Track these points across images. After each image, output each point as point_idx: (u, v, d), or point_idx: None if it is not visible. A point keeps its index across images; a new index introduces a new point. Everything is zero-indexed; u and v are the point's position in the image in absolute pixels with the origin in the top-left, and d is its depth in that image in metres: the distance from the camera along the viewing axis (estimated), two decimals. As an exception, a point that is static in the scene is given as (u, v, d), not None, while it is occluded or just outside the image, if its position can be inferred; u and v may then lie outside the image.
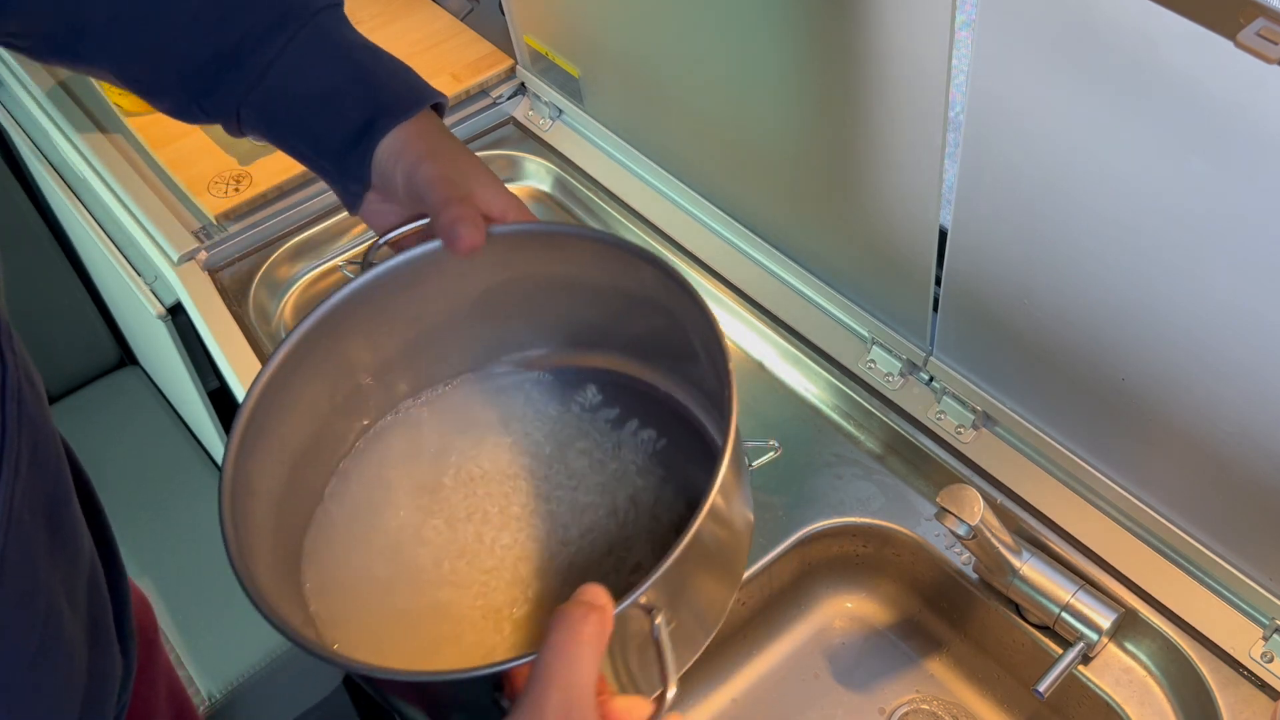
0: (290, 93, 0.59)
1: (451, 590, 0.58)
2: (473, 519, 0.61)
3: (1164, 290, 0.65)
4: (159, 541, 1.40)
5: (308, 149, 0.60)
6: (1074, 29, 0.58)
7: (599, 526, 0.60)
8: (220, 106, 0.60)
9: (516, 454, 0.63)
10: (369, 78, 0.59)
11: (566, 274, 0.62)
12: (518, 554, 0.59)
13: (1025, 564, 0.78)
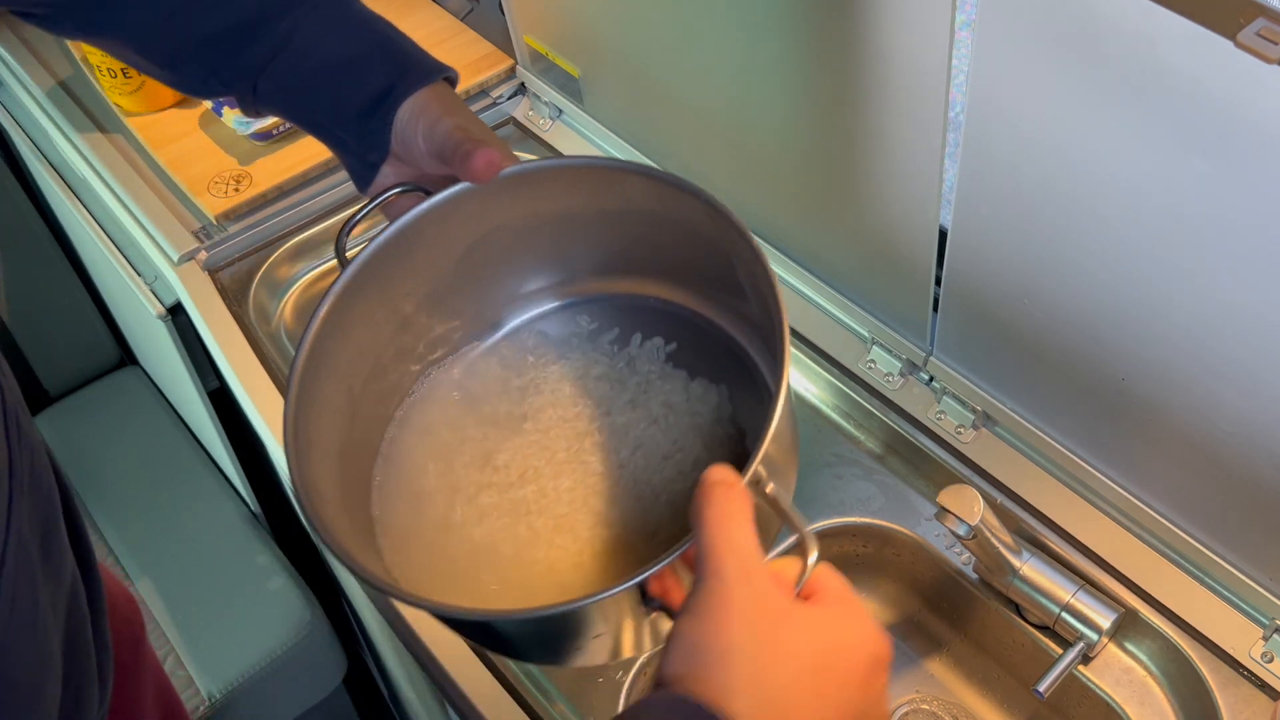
0: (311, 61, 0.59)
1: (531, 543, 0.60)
2: (526, 480, 0.62)
3: (1164, 290, 0.65)
4: (159, 541, 1.40)
5: (326, 119, 0.60)
6: (1074, 29, 0.58)
7: (645, 438, 0.62)
8: (240, 76, 0.60)
9: (545, 404, 0.64)
10: (388, 45, 0.60)
11: (576, 207, 0.63)
12: (584, 492, 0.61)
13: (1025, 564, 0.78)
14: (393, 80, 0.59)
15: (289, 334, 1.07)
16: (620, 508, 0.60)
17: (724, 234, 0.57)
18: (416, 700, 1.21)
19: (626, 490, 0.61)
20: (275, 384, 0.97)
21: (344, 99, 0.60)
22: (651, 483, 0.61)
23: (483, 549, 0.60)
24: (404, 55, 0.60)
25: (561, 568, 0.59)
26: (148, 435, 1.53)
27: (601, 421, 0.63)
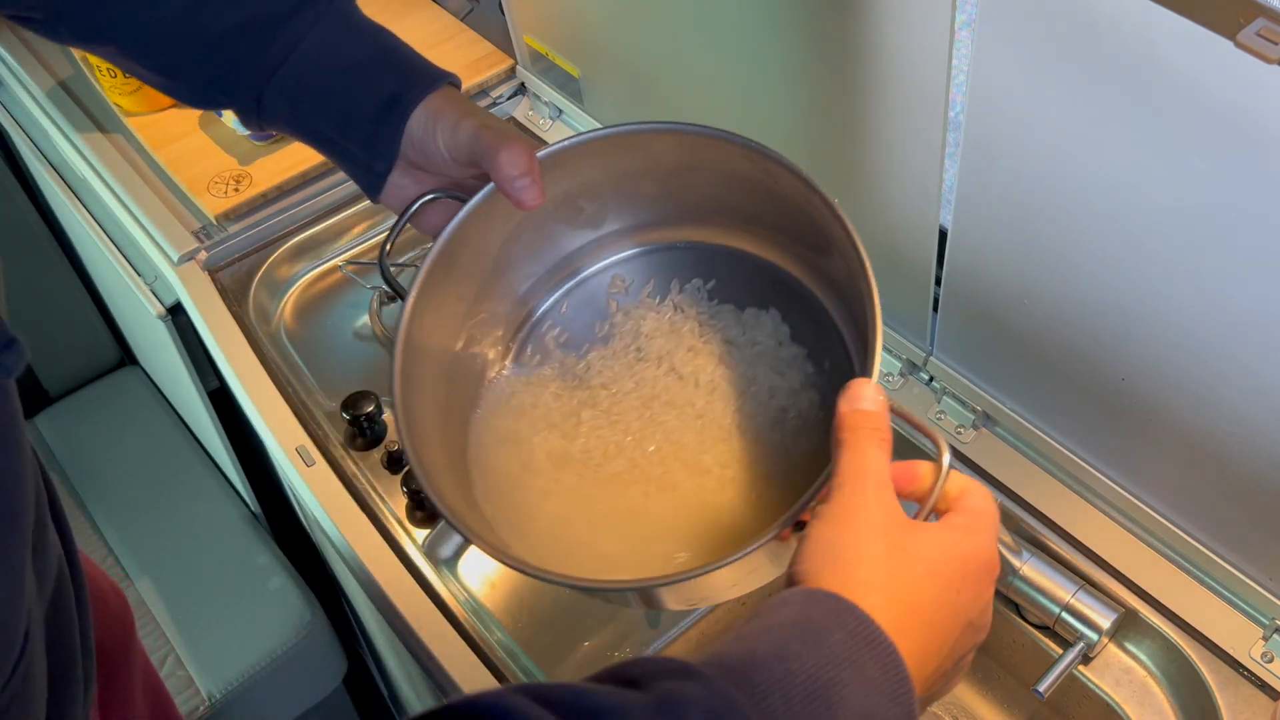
0: (318, 70, 0.59)
1: (643, 508, 0.61)
2: (610, 457, 0.63)
3: (1164, 290, 0.65)
4: (159, 541, 1.40)
5: (334, 130, 0.60)
6: (1074, 29, 0.58)
7: (717, 379, 0.64)
8: (243, 85, 0.59)
9: (605, 381, 0.65)
10: (394, 54, 0.60)
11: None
12: (670, 449, 0.62)
13: (1025, 564, 0.78)
14: (400, 87, 0.59)
15: (289, 334, 1.07)
16: (711, 453, 0.62)
17: (768, 174, 0.58)
18: (416, 700, 1.21)
19: (712, 436, 0.62)
20: (275, 384, 0.97)
21: (351, 107, 0.59)
22: (735, 421, 0.63)
23: (599, 526, 0.61)
24: (409, 62, 0.60)
25: (674, 522, 0.61)
26: (148, 435, 1.53)
27: (669, 380, 0.64)
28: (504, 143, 0.56)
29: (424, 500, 0.88)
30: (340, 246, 1.13)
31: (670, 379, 0.64)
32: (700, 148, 0.60)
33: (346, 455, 0.93)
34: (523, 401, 0.64)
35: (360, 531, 0.87)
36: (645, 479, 0.62)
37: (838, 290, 0.64)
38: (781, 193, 0.59)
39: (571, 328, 0.66)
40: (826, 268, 0.63)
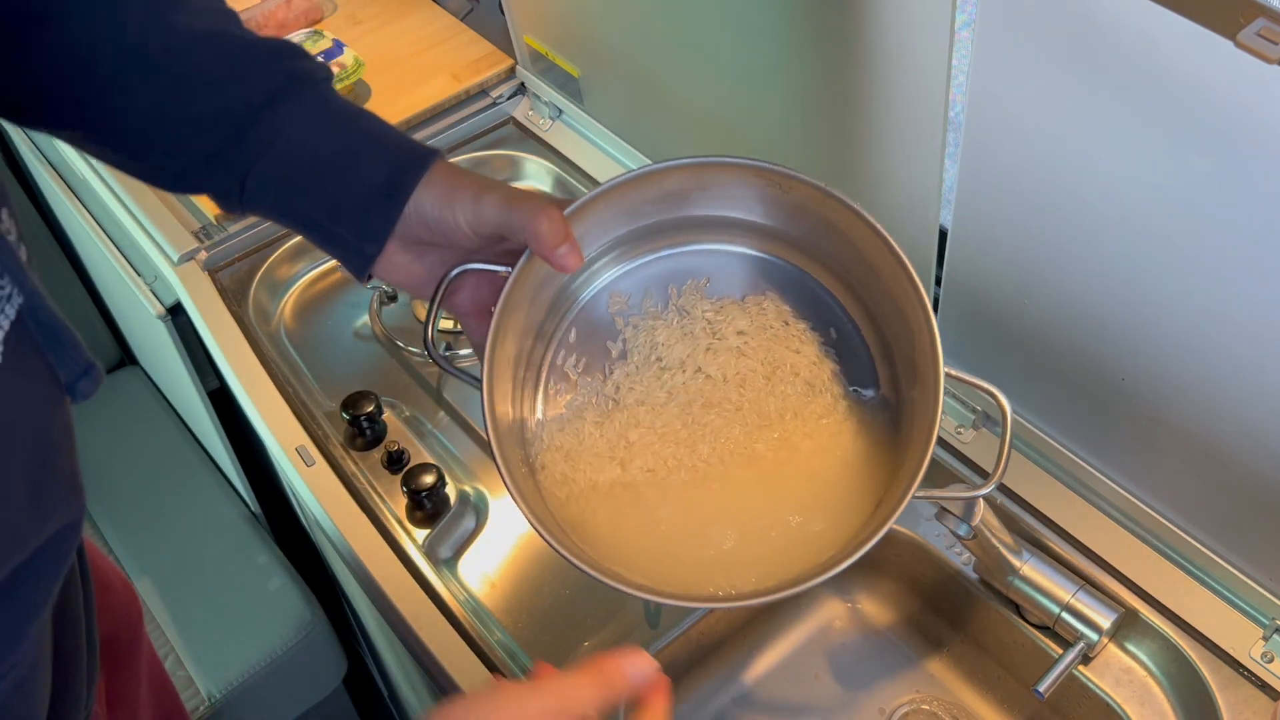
0: (305, 156, 0.58)
1: (710, 511, 0.64)
2: (673, 470, 0.65)
3: (1164, 290, 0.65)
4: (159, 541, 1.40)
5: (323, 215, 0.59)
6: (1074, 29, 0.58)
7: (743, 370, 0.66)
8: (224, 172, 0.59)
9: (638, 399, 0.66)
10: (383, 137, 0.59)
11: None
12: (724, 448, 0.65)
13: (1025, 564, 0.78)
14: (396, 170, 0.58)
15: (289, 334, 1.07)
16: (761, 440, 0.65)
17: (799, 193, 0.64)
18: (416, 700, 1.21)
19: (756, 424, 0.65)
20: (275, 384, 0.97)
21: (342, 193, 0.59)
22: (771, 406, 0.66)
23: (674, 538, 0.63)
24: (400, 144, 0.59)
25: (748, 514, 0.64)
26: (148, 435, 1.53)
27: (699, 383, 0.66)
28: (539, 213, 0.57)
29: (424, 500, 0.88)
30: (340, 246, 1.13)
31: (699, 381, 0.66)
32: (709, 172, 0.64)
33: (346, 455, 0.93)
34: (565, 444, 0.65)
35: (360, 531, 0.87)
36: (708, 480, 0.64)
37: (829, 266, 0.67)
38: (801, 206, 0.64)
39: (586, 353, 0.67)
40: (819, 249, 0.66)
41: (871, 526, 0.60)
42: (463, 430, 0.96)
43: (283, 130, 0.57)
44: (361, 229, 0.59)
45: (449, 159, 0.60)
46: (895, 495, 0.61)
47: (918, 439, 0.64)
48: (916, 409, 0.66)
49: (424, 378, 1.01)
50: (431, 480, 0.88)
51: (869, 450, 0.66)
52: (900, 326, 0.66)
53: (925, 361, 0.64)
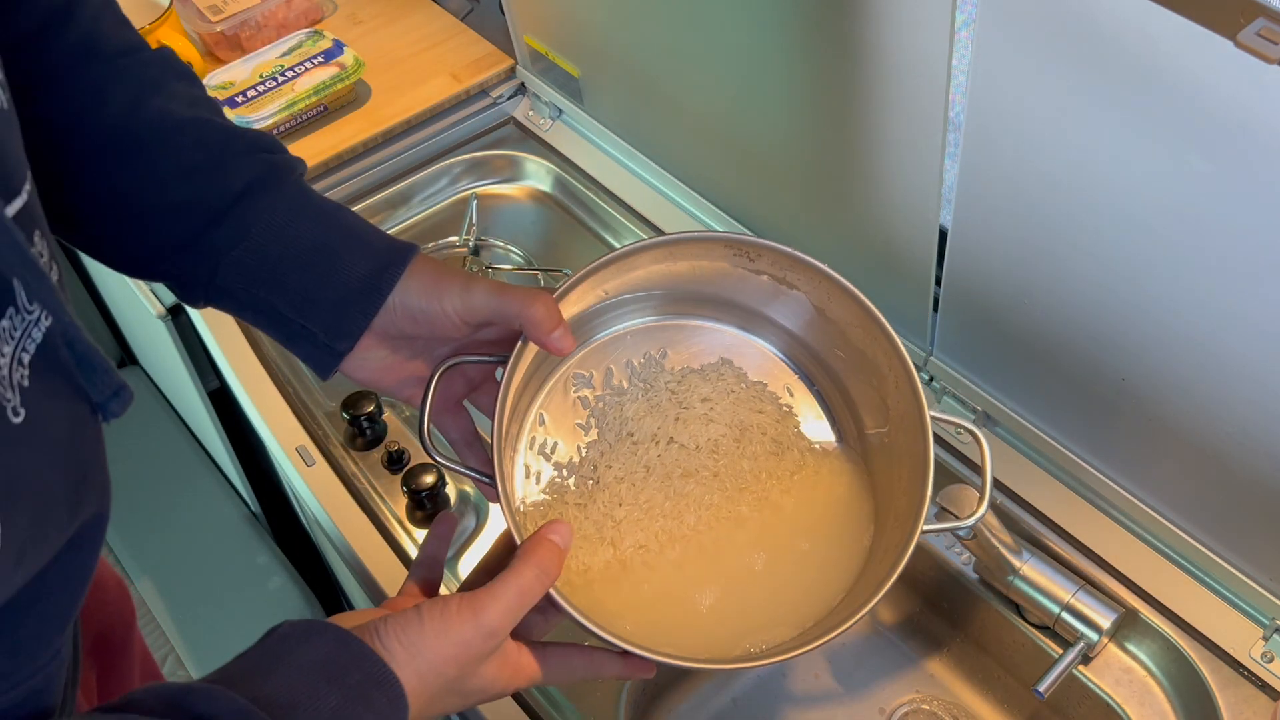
0: (281, 246, 0.58)
1: (701, 574, 0.66)
2: (666, 546, 0.66)
3: (1164, 290, 0.65)
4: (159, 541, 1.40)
5: (292, 309, 0.59)
6: (1074, 29, 0.58)
7: (714, 436, 0.68)
8: (198, 256, 0.58)
9: (615, 478, 0.67)
10: (362, 233, 0.59)
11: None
12: (711, 515, 0.66)
13: (1025, 564, 0.78)
14: (376, 265, 0.58)
15: (289, 334, 1.07)
16: (743, 503, 0.67)
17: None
18: (416, 700, 1.20)
19: (735, 486, 0.67)
20: (275, 384, 0.97)
21: (317, 287, 0.58)
22: (745, 468, 0.67)
23: (677, 602, 0.65)
24: (377, 240, 0.59)
25: (747, 576, 0.66)
26: (148, 435, 1.53)
27: (674, 453, 0.67)
28: (531, 301, 0.58)
29: (424, 500, 0.88)
30: (340, 246, 1.13)
31: (674, 451, 0.67)
32: (678, 248, 0.65)
33: (346, 455, 0.93)
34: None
35: (360, 531, 0.87)
36: (702, 549, 0.66)
37: (783, 328, 0.70)
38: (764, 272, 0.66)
39: (557, 435, 0.67)
40: (778, 311, 0.69)
41: (880, 574, 0.61)
42: (463, 430, 0.96)
43: (260, 220, 0.57)
44: (335, 325, 0.59)
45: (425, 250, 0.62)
46: (898, 542, 0.62)
47: (906, 479, 0.64)
48: (896, 447, 0.67)
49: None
50: (431, 480, 0.88)
51: (848, 494, 0.68)
52: (864, 371, 0.67)
53: (903, 403, 0.65)
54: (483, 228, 1.13)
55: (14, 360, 0.40)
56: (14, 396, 0.40)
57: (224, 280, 0.58)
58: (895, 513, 0.65)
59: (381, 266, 0.58)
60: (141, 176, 0.57)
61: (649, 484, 0.66)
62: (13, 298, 0.40)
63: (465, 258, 1.09)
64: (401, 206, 1.15)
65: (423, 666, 0.51)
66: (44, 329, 0.40)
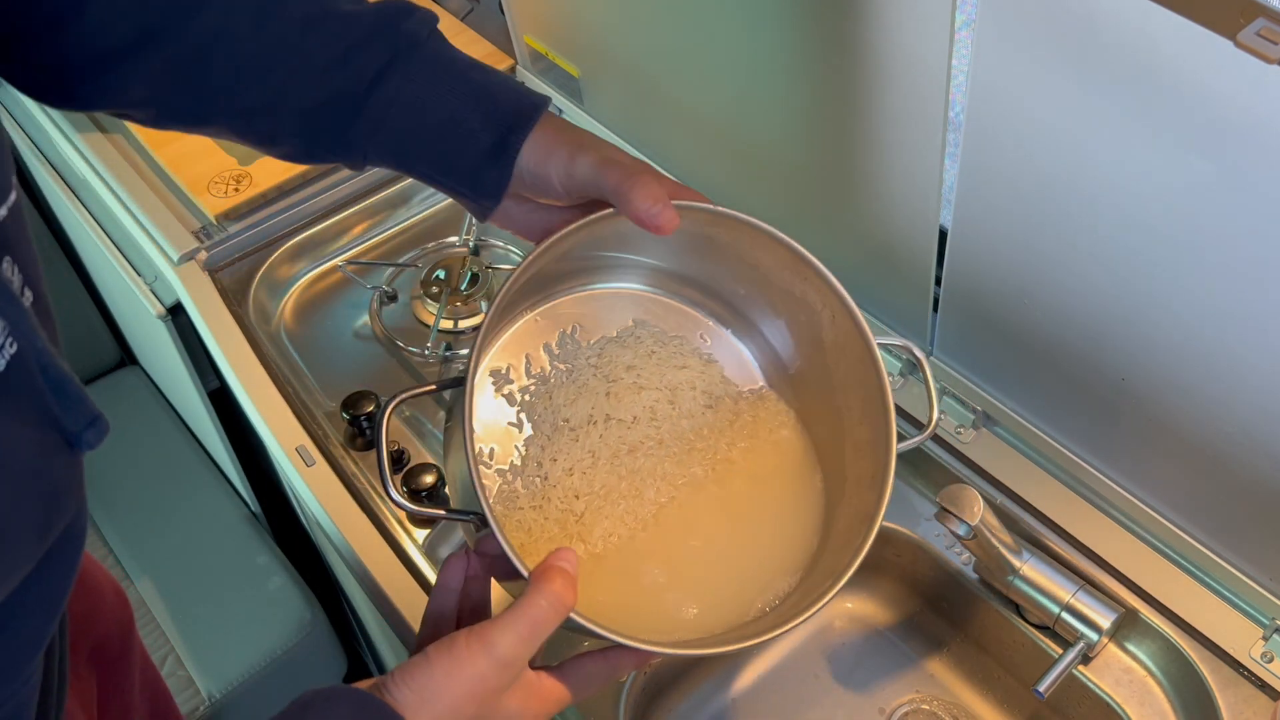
0: (415, 126, 0.60)
1: (670, 548, 0.65)
2: (634, 532, 0.65)
3: (1164, 290, 0.65)
4: (159, 541, 1.40)
5: (440, 175, 0.62)
6: (1074, 29, 0.58)
7: (647, 404, 0.66)
8: (345, 149, 0.62)
9: (562, 472, 0.66)
10: (488, 97, 0.60)
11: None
12: (665, 486, 0.65)
13: (1025, 564, 0.78)
14: (500, 133, 0.59)
15: (289, 334, 1.07)
16: (697, 463, 0.66)
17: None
18: (416, 700, 1.20)
19: (683, 448, 0.66)
20: (275, 384, 0.97)
21: (453, 158, 0.61)
22: (686, 427, 0.67)
23: (670, 582, 0.63)
24: (501, 106, 0.60)
25: (721, 537, 0.65)
26: (148, 435, 1.53)
27: (616, 430, 0.66)
28: (633, 178, 0.57)
29: (424, 500, 0.88)
30: (340, 246, 1.13)
31: (614, 428, 0.66)
32: (600, 225, 0.61)
33: (346, 455, 0.93)
34: (516, 539, 0.63)
35: (360, 531, 0.87)
36: (669, 522, 0.65)
37: (695, 280, 0.69)
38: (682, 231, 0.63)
39: (490, 440, 0.66)
40: (692, 264, 0.68)
41: (865, 507, 0.61)
42: (463, 430, 0.96)
43: (393, 106, 0.60)
44: (477, 187, 0.61)
45: (552, 111, 0.62)
46: (873, 472, 0.62)
47: (860, 409, 0.64)
48: (834, 378, 0.66)
49: (424, 378, 1.01)
50: (431, 480, 0.88)
51: (791, 434, 0.68)
52: (783, 305, 0.66)
53: (841, 336, 0.64)
54: (482, 228, 1.13)
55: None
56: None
57: (373, 157, 0.62)
58: (854, 442, 0.65)
59: (506, 131, 0.60)
60: (269, 96, 0.60)
61: (599, 469, 0.65)
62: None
63: (465, 258, 1.09)
64: (401, 207, 1.16)
65: (439, 709, 0.49)
66: (8, 356, 0.40)
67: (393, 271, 1.09)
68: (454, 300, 1.04)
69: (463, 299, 1.05)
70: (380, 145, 0.61)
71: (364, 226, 1.14)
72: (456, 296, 1.05)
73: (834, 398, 0.66)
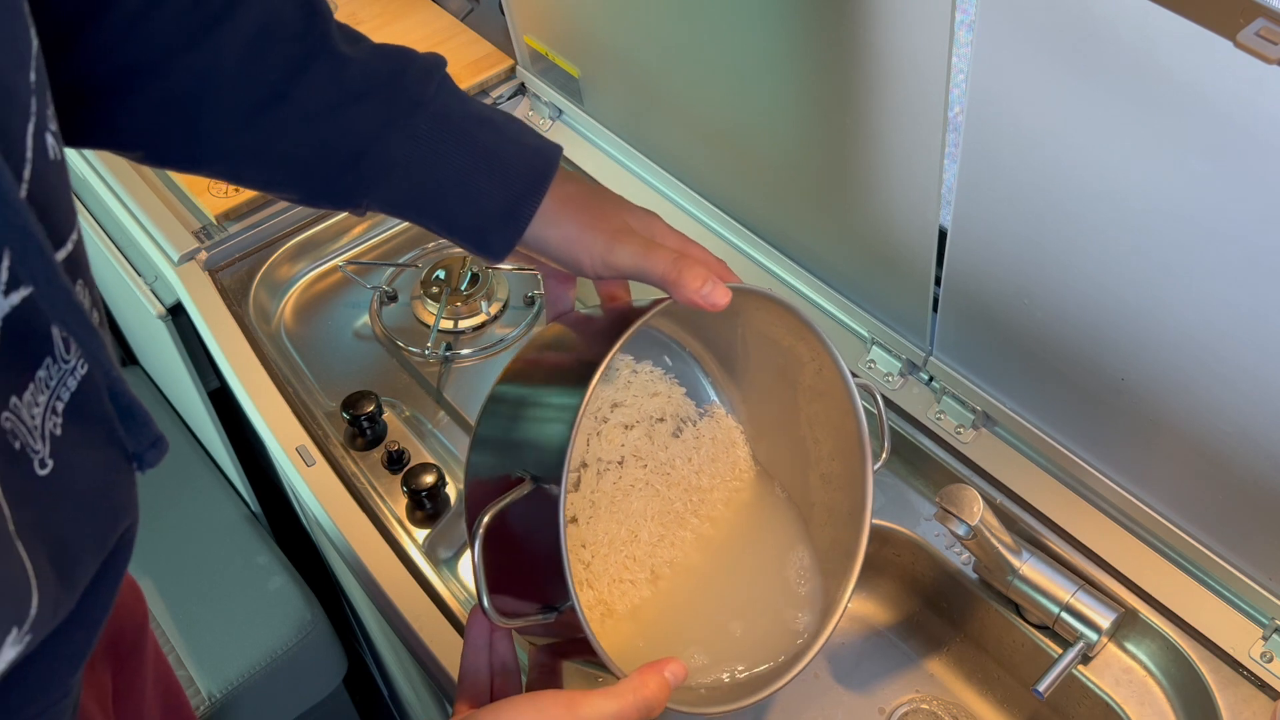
0: (418, 186, 0.59)
1: (695, 581, 0.66)
2: (627, 587, 0.65)
3: (1164, 290, 0.65)
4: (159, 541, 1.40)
5: (445, 232, 0.61)
6: (1074, 29, 0.58)
7: (630, 442, 0.66)
8: (341, 200, 0.60)
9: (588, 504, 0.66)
10: (497, 160, 0.59)
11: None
12: (671, 516, 0.66)
13: (1025, 564, 0.78)
14: (509, 199, 0.58)
15: (289, 334, 1.07)
16: (673, 497, 0.67)
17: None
18: (416, 700, 1.21)
19: (662, 481, 0.67)
20: (275, 384, 0.97)
21: (460, 218, 0.60)
22: (662, 457, 0.67)
23: (692, 621, 0.65)
24: (516, 165, 0.59)
25: (719, 569, 0.67)
26: (148, 435, 1.52)
27: (603, 473, 0.66)
28: (679, 266, 0.56)
29: (424, 500, 0.88)
30: (340, 246, 1.13)
31: (606, 471, 0.66)
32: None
33: (346, 455, 0.93)
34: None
35: (360, 531, 0.87)
36: (666, 561, 0.65)
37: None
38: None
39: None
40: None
41: (848, 543, 0.63)
42: (463, 430, 0.96)
43: (394, 167, 0.58)
44: (483, 248, 0.60)
45: (561, 166, 0.60)
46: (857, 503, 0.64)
47: (832, 452, 0.66)
48: (806, 413, 0.68)
49: (424, 378, 1.01)
50: (431, 480, 0.88)
51: (747, 453, 0.70)
52: (762, 343, 0.67)
53: (822, 383, 0.66)
54: (483, 228, 1.13)
55: (48, 409, 0.40)
56: (43, 447, 0.40)
57: (378, 209, 0.61)
58: (822, 473, 0.67)
59: (515, 198, 0.59)
60: (263, 140, 0.58)
61: (600, 520, 0.65)
62: (50, 348, 0.40)
63: (465, 258, 1.09)
64: (401, 206, 1.15)
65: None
66: (79, 377, 0.41)
67: (393, 271, 1.09)
68: (454, 300, 1.04)
69: (463, 299, 1.05)
70: (381, 200, 0.60)
71: (364, 226, 1.14)
72: (457, 296, 1.05)
73: (797, 428, 0.67)
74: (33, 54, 0.40)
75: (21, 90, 0.38)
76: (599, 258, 0.58)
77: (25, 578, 0.38)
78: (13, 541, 0.38)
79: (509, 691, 0.60)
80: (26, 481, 0.39)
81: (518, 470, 0.54)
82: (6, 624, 0.38)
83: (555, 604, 0.53)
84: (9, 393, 0.38)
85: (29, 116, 0.39)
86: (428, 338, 1.03)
